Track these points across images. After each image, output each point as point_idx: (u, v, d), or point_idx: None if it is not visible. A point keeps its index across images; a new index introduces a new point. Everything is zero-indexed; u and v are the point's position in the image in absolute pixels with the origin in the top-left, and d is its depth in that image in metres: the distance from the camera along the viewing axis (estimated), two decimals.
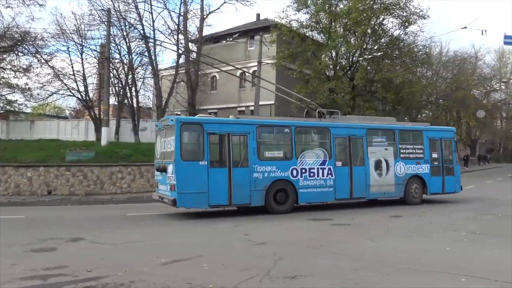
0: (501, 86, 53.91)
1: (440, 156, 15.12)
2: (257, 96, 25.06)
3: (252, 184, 11.61)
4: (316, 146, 13.09)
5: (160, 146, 12.27)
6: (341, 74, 28.77)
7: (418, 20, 27.87)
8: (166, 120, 12.24)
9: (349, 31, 27.14)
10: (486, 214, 12.38)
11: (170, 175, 11.04)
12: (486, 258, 6.97)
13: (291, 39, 27.38)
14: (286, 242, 8.07)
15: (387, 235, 8.99)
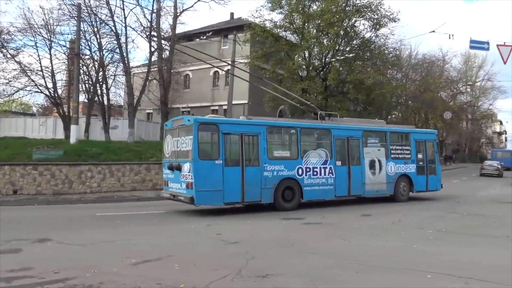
0: (467, 88, 55.79)
1: (424, 157, 16.23)
2: (231, 95, 25.03)
3: (263, 182, 12.17)
4: (319, 146, 13.76)
5: (171, 145, 12.56)
6: (314, 75, 29.06)
7: (388, 23, 28.48)
8: (180, 120, 12.51)
9: (322, 32, 27.45)
10: (451, 212, 12.79)
11: (186, 174, 11.42)
12: (450, 255, 7.20)
13: (265, 39, 27.46)
14: (258, 242, 8.10)
15: (357, 233, 9.15)
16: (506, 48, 17.51)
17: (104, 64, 25.46)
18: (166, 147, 12.91)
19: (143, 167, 18.23)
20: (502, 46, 17.62)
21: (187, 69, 33.38)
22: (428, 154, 16.45)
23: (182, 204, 12.36)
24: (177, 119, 13.14)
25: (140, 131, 29.81)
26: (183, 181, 11.58)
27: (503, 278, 5.72)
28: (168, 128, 13.01)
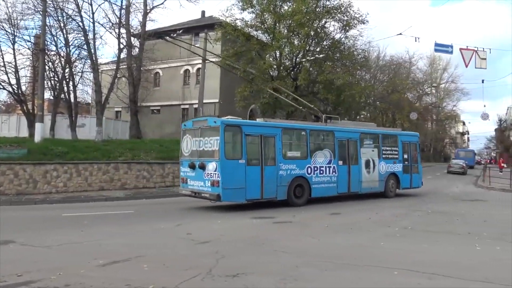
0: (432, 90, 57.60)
1: (409, 157, 17.88)
2: (201, 94, 24.87)
3: (278, 180, 13.17)
4: (324, 147, 14.90)
5: (191, 144, 13.23)
6: (284, 74, 29.25)
7: (358, 25, 28.99)
8: (204, 121, 13.14)
9: (292, 33, 27.66)
10: (417, 210, 13.17)
11: (211, 172, 12.16)
12: (416, 252, 7.41)
13: (236, 38, 27.44)
14: (229, 241, 8.10)
15: (327, 232, 9.30)
16: (468, 52, 18.23)
17: (71, 60, 24.78)
18: (184, 146, 13.57)
19: (111, 166, 17.87)
20: (465, 50, 18.34)
21: (157, 67, 32.94)
22: (412, 154, 18.12)
23: (152, 204, 12.23)
24: (199, 120, 13.80)
25: (109, 130, 29.21)
26: (208, 179, 12.31)
27: (465, 274, 5.96)
28: (188, 128, 13.66)
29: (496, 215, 12.44)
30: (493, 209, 14.02)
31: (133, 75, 26.70)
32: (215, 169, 12.04)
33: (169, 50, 32.65)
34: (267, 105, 27.73)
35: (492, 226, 10.29)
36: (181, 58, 33.36)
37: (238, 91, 27.67)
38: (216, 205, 13.42)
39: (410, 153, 17.92)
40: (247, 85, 28.06)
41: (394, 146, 17.39)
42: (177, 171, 19.91)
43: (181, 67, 33.72)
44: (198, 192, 12.78)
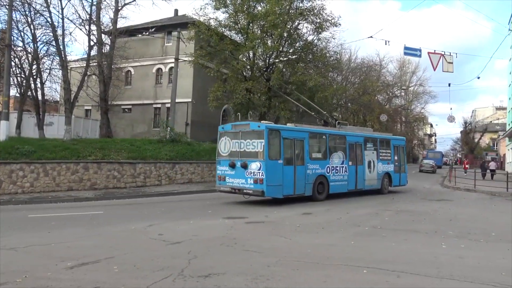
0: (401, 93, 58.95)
1: (398, 158, 20.34)
2: (174, 93, 24.62)
3: (306, 178, 15.00)
4: (338, 149, 16.90)
5: (230, 146, 14.65)
6: (258, 75, 29.31)
7: (330, 27, 29.30)
8: (246, 125, 14.73)
9: (266, 33, 27.74)
10: (386, 210, 13.47)
11: (255, 171, 13.71)
12: (384, 250, 7.59)
13: (209, 38, 27.30)
14: (201, 241, 8.06)
15: (298, 231, 9.38)
16: (435, 55, 18.80)
17: (38, 56, 24.09)
18: (222, 147, 14.95)
19: (80, 166, 17.47)
20: (433, 53, 18.91)
21: (129, 65, 32.43)
22: (401, 156, 20.65)
23: (123, 204, 12.02)
24: (240, 124, 15.33)
25: (78, 128, 28.55)
26: (250, 177, 13.82)
27: (431, 271, 6.14)
28: (226, 130, 15.07)
29: (461, 214, 12.87)
30: (458, 209, 14.49)
31: (103, 73, 26.18)
32: (259, 168, 13.65)
33: (141, 48, 32.24)
34: (240, 106, 27.71)
35: (457, 225, 10.65)
36: (153, 56, 32.96)
37: (211, 91, 27.55)
38: (187, 206, 13.34)
39: (399, 155, 20.44)
40: (220, 85, 27.97)
41: (388, 149, 19.77)
42: (155, 171, 19.72)
43: (153, 65, 33.29)
44: (239, 188, 14.19)
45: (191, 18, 28.80)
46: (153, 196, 16.33)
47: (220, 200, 15.70)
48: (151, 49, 32.95)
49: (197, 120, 31.20)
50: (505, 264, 6.72)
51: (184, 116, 30.69)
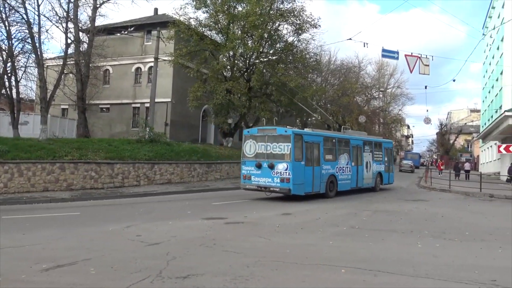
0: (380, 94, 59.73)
1: (388, 159, 22.54)
2: (153, 93, 24.37)
3: (322, 178, 16.68)
4: (344, 151, 18.58)
5: (255, 148, 16.11)
6: (238, 75, 29.32)
7: (310, 29, 29.55)
8: (272, 130, 16.19)
9: (246, 34, 27.78)
10: (364, 210, 13.66)
11: (282, 171, 15.19)
12: (362, 250, 7.69)
13: (190, 37, 27.16)
14: (180, 242, 8.01)
15: (278, 232, 9.42)
16: (412, 58, 19.16)
17: (13, 54, 23.45)
18: (247, 149, 16.35)
19: (56, 166, 17.11)
20: (409, 56, 19.26)
21: (107, 64, 31.91)
22: (389, 157, 22.93)
23: (100, 205, 11.84)
24: (266, 128, 16.83)
25: (54, 128, 27.99)
26: (277, 176, 15.29)
27: (407, 270, 6.26)
28: (252, 134, 16.56)
29: (436, 214, 13.14)
30: (434, 209, 14.80)
31: (81, 71, 25.72)
32: (285, 168, 15.13)
33: (120, 47, 31.81)
34: (220, 106, 27.66)
35: (432, 225, 10.87)
36: (132, 55, 32.57)
37: (191, 91, 27.41)
38: (166, 207, 13.23)
39: (388, 156, 22.75)
40: (200, 85, 27.86)
41: (380, 150, 21.84)
42: (133, 172, 19.47)
43: (132, 64, 32.88)
44: (266, 187, 15.68)
45: (171, 17, 28.59)
46: (131, 197, 16.14)
47: (199, 201, 15.64)
48: (130, 48, 32.55)
49: (176, 120, 30.98)
50: (478, 262, 6.91)
51: (163, 116, 30.42)
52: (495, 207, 15.95)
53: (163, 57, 25.72)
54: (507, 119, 24.30)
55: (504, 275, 6.14)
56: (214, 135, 35.55)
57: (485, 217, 12.91)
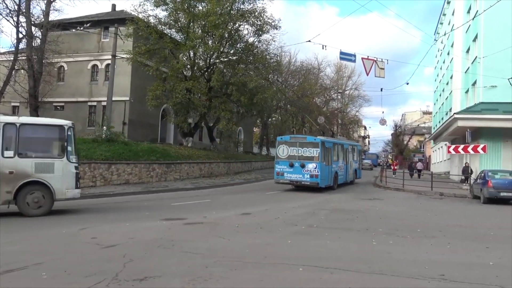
0: (338, 96, 61.08)
1: (359, 159, 29.29)
2: (110, 91, 23.74)
3: (332, 174, 22.05)
4: (340, 153, 24.17)
5: (288, 151, 20.79)
6: (198, 75, 29.13)
7: (270, 30, 29.87)
8: (303, 138, 21.78)
9: (207, 33, 27.65)
10: (322, 209, 13.92)
11: (311, 169, 20.06)
12: (320, 248, 7.85)
13: (149, 35, 26.71)
14: (137, 244, 7.86)
15: (237, 232, 9.44)
16: (369, 61, 19.73)
17: None
18: (281, 152, 20.98)
19: None
20: (366, 59, 19.83)
21: (62, 61, 30.78)
22: (360, 157, 29.91)
23: (54, 207, 11.40)
24: (297, 136, 23.87)
25: None
26: (307, 173, 20.10)
27: (362, 267, 6.45)
28: (284, 140, 21.42)
29: (390, 212, 13.63)
30: (388, 207, 15.33)
31: (33, 67, 24.70)
32: (315, 167, 20.06)
33: (76, 43, 30.77)
34: (180, 105, 27.37)
35: (386, 223, 11.26)
36: (89, 52, 31.59)
37: (150, 90, 26.95)
38: (123, 208, 12.95)
39: (359, 157, 29.63)
40: (159, 84, 27.45)
41: (355, 152, 28.01)
42: (89, 172, 18.86)
43: (88, 61, 31.87)
44: (297, 181, 20.51)
45: (129, 14, 28.01)
46: (86, 198, 15.62)
47: (158, 201, 15.40)
48: (87, 44, 31.55)
49: (135, 119, 30.34)
50: (428, 258, 7.22)
51: (121, 115, 29.70)
52: (445, 205, 16.73)
53: (121, 55, 25.14)
54: (456, 121, 25.48)
55: (452, 269, 6.45)
56: (173, 134, 35.13)
57: (435, 214, 13.51)
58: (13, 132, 11.02)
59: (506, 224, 11.81)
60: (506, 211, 15.15)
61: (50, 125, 11.93)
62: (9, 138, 11.01)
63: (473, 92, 28.55)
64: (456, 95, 34.88)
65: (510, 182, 17.31)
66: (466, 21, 29.72)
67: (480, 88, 26.18)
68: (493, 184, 17.11)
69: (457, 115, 25.66)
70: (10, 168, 10.91)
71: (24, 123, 11.33)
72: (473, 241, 9.01)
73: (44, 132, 11.86)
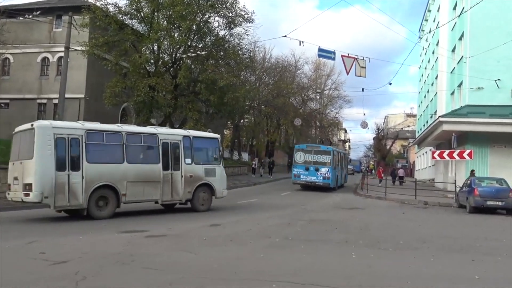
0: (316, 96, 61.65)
1: (346, 165, 37.60)
2: (63, 87, 23.21)
3: (335, 176, 28.44)
4: (339, 160, 30.92)
5: (304, 157, 27.60)
6: (163, 71, 28.88)
7: (243, 23, 29.93)
8: (317, 147, 29.31)
9: (173, 25, 27.46)
10: (299, 220, 14.03)
11: (324, 172, 26.76)
12: (295, 262, 7.91)
13: (107, 25, 26.30)
14: (92, 259, 7.71)
15: (205, 245, 9.39)
16: (349, 59, 19.99)
17: None
18: (298, 158, 27.86)
19: None
20: (346, 57, 20.07)
21: (7, 52, 29.91)
22: (347, 163, 39.90)
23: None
24: (312, 145, 32.31)
25: None
26: (320, 176, 26.77)
27: (341, 282, 6.55)
28: (302, 148, 28.82)
29: (372, 223, 13.86)
30: (369, 217, 15.60)
31: None
32: (327, 171, 26.87)
33: (24, 33, 30.04)
34: (142, 104, 27.05)
35: (367, 234, 11.45)
36: (39, 43, 30.86)
37: (108, 86, 26.50)
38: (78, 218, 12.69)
39: (347, 163, 39.20)
40: (119, 80, 27.04)
41: (345, 159, 36.39)
42: None
43: (38, 54, 31.12)
44: (312, 182, 27.16)
45: (85, 1, 27.53)
46: (36, 208, 15.20)
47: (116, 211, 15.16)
48: (36, 34, 30.79)
49: (91, 119, 29.31)
50: (411, 272, 7.39)
51: (75, 115, 29.04)
52: (429, 215, 17.16)
53: (75, 47, 24.63)
54: (441, 124, 26.15)
55: (436, 284, 6.63)
56: None
57: (419, 225, 13.84)
58: (188, 143, 15.17)
59: (493, 235, 12.22)
60: (493, 221, 15.70)
61: (211, 137, 16.79)
62: (187, 148, 15.09)
63: (459, 94, 29.41)
64: (441, 97, 35.84)
65: (497, 190, 17.87)
66: (452, 19, 30.60)
67: (466, 89, 26.95)
68: (480, 192, 17.62)
69: (442, 118, 26.31)
70: (190, 173, 15.01)
71: (195, 136, 15.86)
72: (458, 253, 9.29)
73: (207, 143, 16.47)
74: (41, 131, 12.11)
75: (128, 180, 13.37)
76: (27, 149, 12.24)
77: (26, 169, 12.13)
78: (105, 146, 13.48)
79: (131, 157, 13.67)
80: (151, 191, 14.02)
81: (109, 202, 13.10)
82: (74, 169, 12.40)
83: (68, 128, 12.78)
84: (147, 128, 15.72)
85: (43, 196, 11.83)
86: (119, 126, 14.54)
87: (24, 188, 11.98)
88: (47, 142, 12.03)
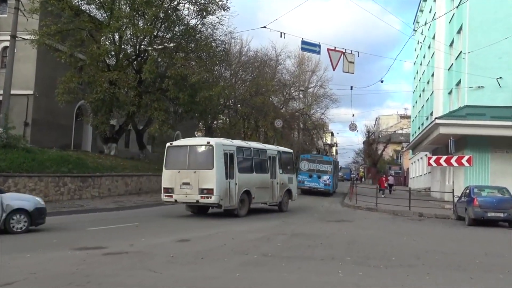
0: (299, 94, 61.84)
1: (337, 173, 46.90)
2: (9, 82, 22.85)
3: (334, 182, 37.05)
4: (334, 168, 37.63)
5: (308, 166, 34.95)
6: (125, 64, 28.72)
7: (217, 11, 30.01)
8: (320, 157, 39.12)
9: (137, 12, 27.37)
10: (279, 234, 14.07)
11: (325, 179, 34.37)
12: (275, 282, 7.93)
13: (61, 11, 26.03)
14: (41, 281, 7.59)
15: (172, 263, 9.33)
16: (336, 53, 20.15)
17: None
18: (303, 166, 34.81)
19: None
20: (333, 51, 20.22)
21: None
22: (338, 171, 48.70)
23: None
24: (316, 155, 42.54)
25: None
26: (322, 182, 34.20)
27: None
28: (307, 158, 36.61)
29: (361, 237, 13.98)
30: (358, 230, 15.73)
31: None
32: (328, 178, 34.22)
33: None
34: (101, 102, 26.81)
35: (356, 250, 11.54)
36: None
37: (62, 81, 26.20)
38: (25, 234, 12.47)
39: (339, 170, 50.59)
40: (74, 75, 26.79)
41: (338, 167, 46.64)
42: None
43: None
44: (314, 187, 34.07)
45: None
46: None
47: (70, 225, 14.94)
48: None
49: (41, 119, 29.35)
50: None
51: (22, 113, 28.62)
52: (424, 227, 17.43)
53: (23, 35, 24.26)
54: (437, 127, 26.36)
55: None
56: (92, 140, 34.40)
57: (413, 239, 14.02)
58: (279, 157, 21.79)
59: (494, 250, 12.47)
60: (494, 235, 16.01)
61: (289, 152, 24.33)
62: (279, 161, 21.50)
63: (457, 93, 29.93)
64: (438, 96, 36.38)
65: (498, 200, 18.19)
66: (450, 10, 31.10)
67: (465, 88, 27.38)
68: (480, 202, 17.91)
69: (439, 120, 26.53)
70: (282, 181, 21.47)
71: (283, 151, 23.16)
72: (456, 271, 9.44)
73: (287, 156, 23.34)
74: (218, 147, 17.35)
75: (256, 186, 19.28)
76: (204, 161, 17.46)
77: (204, 177, 16.95)
78: (244, 159, 19.15)
79: (256, 168, 19.73)
80: (265, 195, 20.15)
81: (245, 203, 18.72)
82: (232, 177, 17.76)
83: (228, 145, 18.35)
84: (260, 145, 22.52)
85: (220, 199, 16.94)
86: (247, 143, 20.94)
87: (201, 192, 16.90)
88: (221, 156, 17.31)
